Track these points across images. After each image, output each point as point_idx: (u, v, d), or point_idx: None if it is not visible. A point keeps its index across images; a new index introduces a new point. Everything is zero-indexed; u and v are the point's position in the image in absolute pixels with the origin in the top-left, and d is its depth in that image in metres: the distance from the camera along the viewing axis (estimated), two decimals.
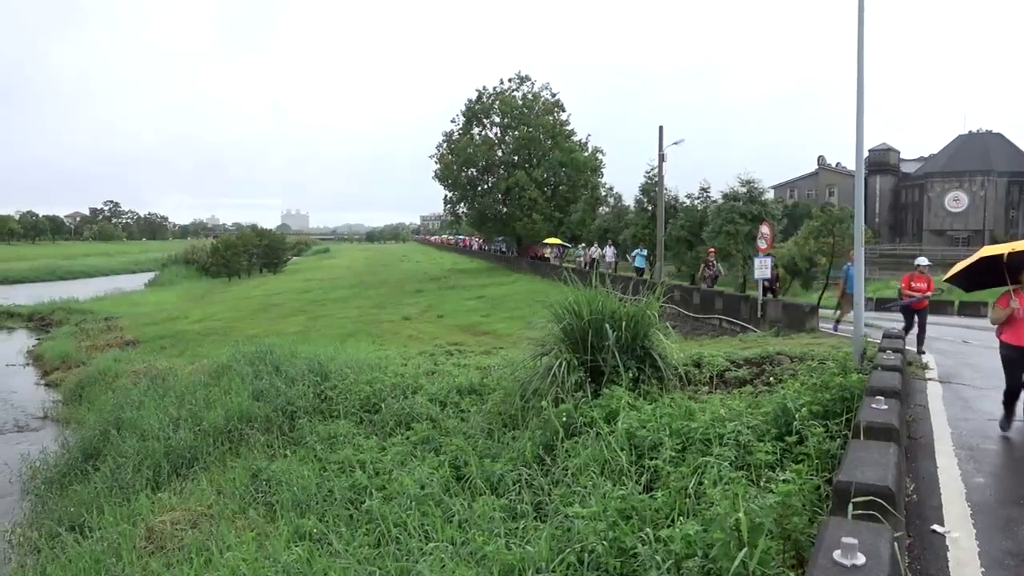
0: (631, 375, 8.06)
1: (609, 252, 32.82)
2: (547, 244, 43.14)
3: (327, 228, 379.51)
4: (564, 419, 7.15)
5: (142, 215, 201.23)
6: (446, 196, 56.29)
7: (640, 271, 27.87)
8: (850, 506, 3.40)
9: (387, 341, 20.55)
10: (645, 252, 29.07)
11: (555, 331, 8.85)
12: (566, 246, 42.63)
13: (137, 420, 13.05)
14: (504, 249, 60.83)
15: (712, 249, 23.27)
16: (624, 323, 8.41)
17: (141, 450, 11.35)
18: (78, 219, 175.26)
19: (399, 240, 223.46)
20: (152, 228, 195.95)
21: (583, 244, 36.41)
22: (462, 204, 55.80)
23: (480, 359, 14.39)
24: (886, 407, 4.94)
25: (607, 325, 8.34)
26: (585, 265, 34.18)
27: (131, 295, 49.58)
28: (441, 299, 33.29)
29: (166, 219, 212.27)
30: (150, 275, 69.75)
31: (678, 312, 19.09)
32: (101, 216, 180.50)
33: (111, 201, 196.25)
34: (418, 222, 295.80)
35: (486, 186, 54.53)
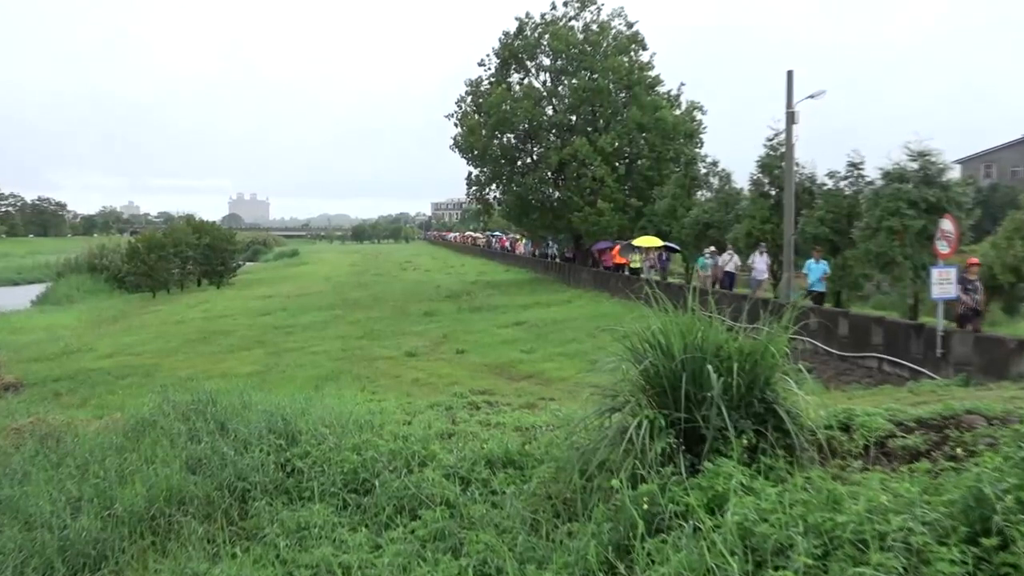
0: (746, 442, 7.90)
1: (760, 262, 31.20)
2: (634, 246, 42.30)
3: (295, 221, 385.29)
4: (646, 507, 7.08)
5: (28, 201, 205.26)
6: (470, 175, 57.14)
7: (820, 296, 26.44)
8: None
9: (383, 387, 20.70)
10: (824, 265, 27.04)
11: (632, 375, 8.81)
12: (673, 249, 41.71)
13: (19, 500, 13.10)
14: (556, 253, 61.00)
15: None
16: (736, 365, 8.33)
17: (25, 544, 11.40)
18: None
19: (401, 238, 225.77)
20: (43, 220, 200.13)
21: (710, 249, 34.67)
22: (494, 186, 56.54)
23: (520, 415, 14.33)
24: None
25: (710, 367, 8.25)
26: (714, 283, 32.82)
27: (10, 317, 50.51)
28: (462, 325, 33.63)
29: (63, 207, 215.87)
30: (39, 288, 71.37)
31: (816, 348, 18.94)
32: None
33: None
34: (428, 212, 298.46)
35: (529, 159, 55.03)
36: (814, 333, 19.64)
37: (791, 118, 28.26)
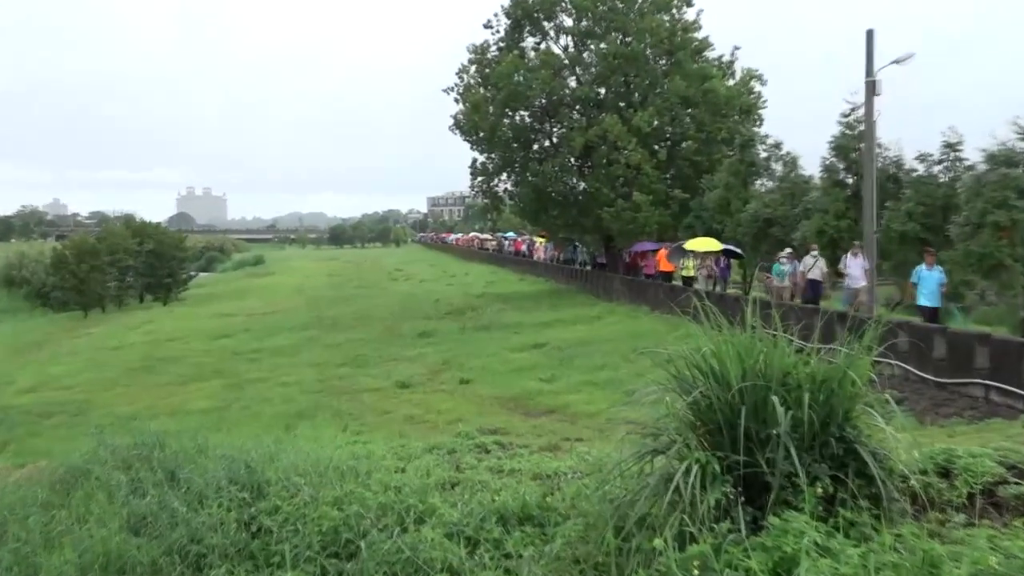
0: (821, 491, 7.77)
1: (856, 266, 30.05)
2: (685, 250, 41.28)
3: (259, 221, 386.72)
4: (696, 572, 6.94)
5: None
6: (475, 162, 57.35)
7: (934, 313, 24.91)
8: None
9: (370, 426, 20.76)
10: (939, 272, 25.64)
11: (678, 409, 8.74)
12: (735, 255, 40.98)
13: None
14: (586, 259, 60.60)
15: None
16: (808, 395, 8.24)
17: None
18: None
19: (390, 241, 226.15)
20: None
21: (786, 252, 33.80)
22: (504, 176, 56.72)
23: (539, 460, 14.18)
24: None
25: (775, 399, 8.16)
26: (793, 294, 32.37)
27: None
28: (467, 349, 33.89)
29: None
30: None
31: (907, 373, 18.82)
32: None
33: None
34: (422, 209, 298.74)
35: (548, 142, 55.16)
36: (904, 355, 19.51)
37: (872, 88, 28.25)
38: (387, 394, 26.46)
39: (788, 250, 34.23)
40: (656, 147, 51.42)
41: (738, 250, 40.94)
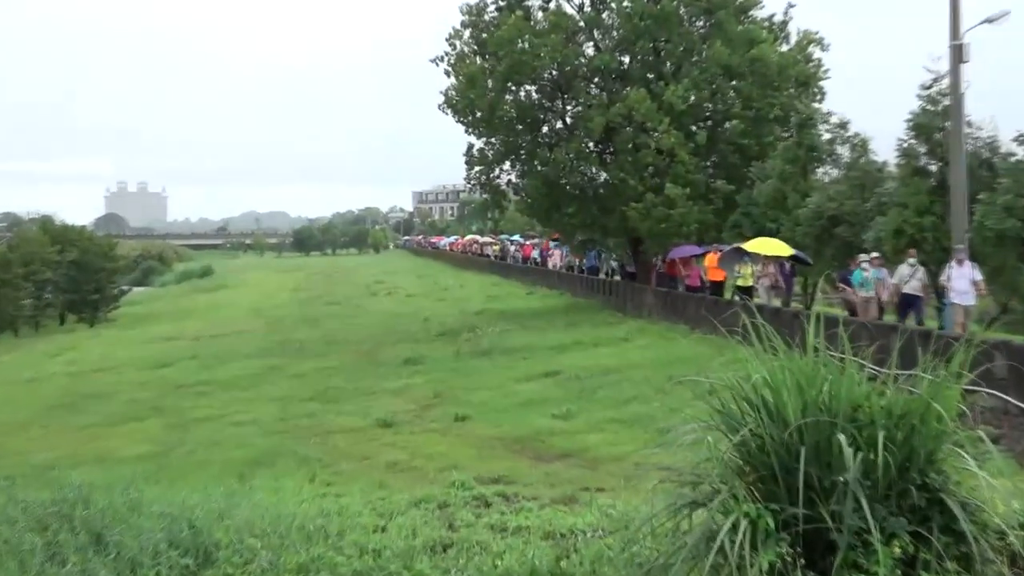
0: (899, 550, 7.76)
1: (960, 277, 28.61)
2: (744, 253, 39.75)
3: (207, 223, 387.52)
4: None
5: None
6: (471, 149, 57.14)
7: None
8: None
9: (343, 475, 20.82)
10: None
11: (722, 452, 8.70)
12: (803, 261, 39.23)
13: None
14: (614, 267, 60.18)
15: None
16: (883, 433, 8.18)
17: None
18: None
19: (367, 246, 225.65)
20: None
21: (868, 256, 32.72)
22: (508, 165, 56.52)
23: (552, 515, 14.33)
24: None
25: (842, 438, 8.07)
26: (882, 311, 31.88)
27: None
28: (463, 379, 33.87)
29: None
30: None
31: (1006, 405, 18.73)
32: None
33: None
34: (407, 207, 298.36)
35: (560, 123, 55.07)
36: (1003, 383, 19.32)
37: (958, 53, 28.17)
38: (365, 435, 26.38)
39: (873, 253, 33.11)
40: (693, 128, 51.04)
41: (806, 257, 39.39)
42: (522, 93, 54.50)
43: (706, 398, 9.01)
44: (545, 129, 55.31)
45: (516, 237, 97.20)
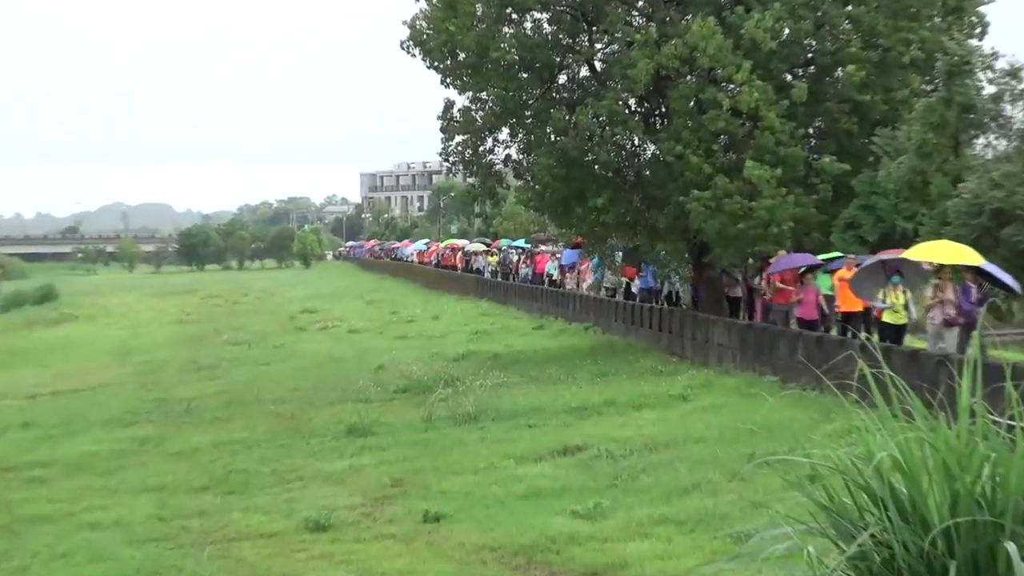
0: None
1: None
2: (909, 265, 30.81)
3: (49, 221, 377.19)
4: None
5: None
6: (449, 107, 46.99)
7: None
8: None
9: None
10: None
11: (831, 568, 7.43)
12: (1002, 284, 31.37)
13: None
14: (678, 289, 49.91)
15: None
16: None
17: None
18: None
19: (292, 257, 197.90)
20: None
21: None
22: (505, 134, 46.88)
23: None
24: None
25: (1011, 547, 6.70)
26: None
27: None
28: (436, 456, 30.44)
29: None
30: None
31: None
32: None
33: None
34: (354, 198, 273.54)
35: (585, 70, 46.00)
36: None
37: None
38: (287, 543, 20.85)
39: None
40: (787, 78, 40.46)
41: (1006, 278, 29.68)
42: (528, 24, 44.06)
43: (804, 487, 8.07)
44: (563, 79, 45.22)
45: (520, 243, 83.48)
